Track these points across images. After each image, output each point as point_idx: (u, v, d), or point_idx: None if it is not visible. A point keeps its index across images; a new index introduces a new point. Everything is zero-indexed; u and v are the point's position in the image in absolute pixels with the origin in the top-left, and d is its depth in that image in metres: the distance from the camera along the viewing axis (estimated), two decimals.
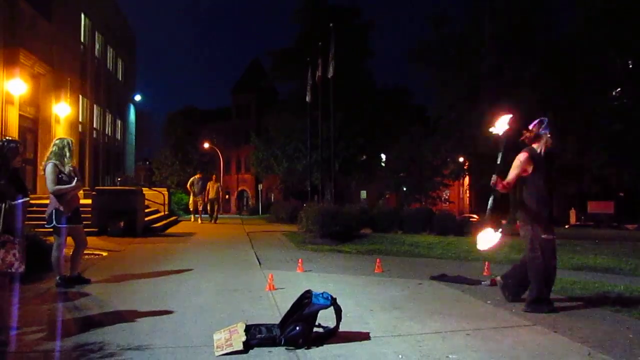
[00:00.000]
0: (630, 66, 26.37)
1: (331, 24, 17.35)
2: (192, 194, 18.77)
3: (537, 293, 5.10)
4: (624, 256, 10.01)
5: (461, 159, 32.66)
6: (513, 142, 5.51)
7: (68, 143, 6.23)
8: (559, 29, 27.78)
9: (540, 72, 24.58)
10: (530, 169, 5.15)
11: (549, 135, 5.25)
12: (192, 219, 18.94)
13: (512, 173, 5.19)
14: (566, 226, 28.97)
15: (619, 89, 26.85)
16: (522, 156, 5.19)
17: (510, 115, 5.39)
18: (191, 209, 19.35)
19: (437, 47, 28.11)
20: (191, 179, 19.06)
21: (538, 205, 5.16)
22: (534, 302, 5.09)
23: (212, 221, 18.56)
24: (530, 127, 5.33)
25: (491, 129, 5.46)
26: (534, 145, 5.25)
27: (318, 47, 19.08)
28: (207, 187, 18.71)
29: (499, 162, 5.29)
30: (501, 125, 5.37)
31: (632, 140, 24.11)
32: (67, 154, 6.13)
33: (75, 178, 6.12)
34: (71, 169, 6.22)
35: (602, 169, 25.69)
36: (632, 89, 25.55)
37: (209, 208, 19.03)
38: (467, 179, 41.95)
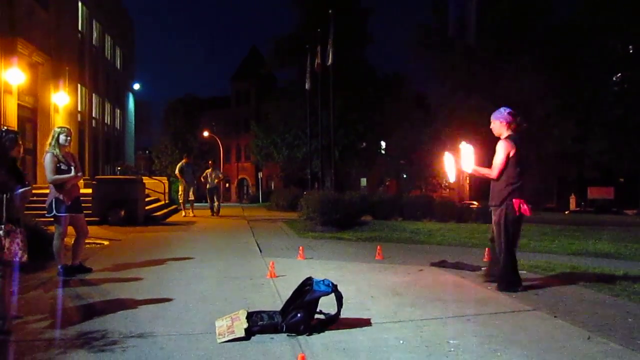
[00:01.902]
0: (631, 51, 26.26)
1: (330, 10, 17.22)
2: (183, 182, 16.23)
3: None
4: (624, 241, 10.03)
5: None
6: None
7: (62, 130, 6.20)
8: (560, 14, 27.60)
9: (540, 57, 24.48)
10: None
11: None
12: (184, 213, 16.38)
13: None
14: (566, 212, 28.99)
15: (620, 74, 26.77)
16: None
17: (454, 162, 5.76)
18: (180, 200, 16.72)
19: (437, 33, 27.96)
20: (179, 164, 16.77)
21: None
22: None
23: (213, 214, 16.72)
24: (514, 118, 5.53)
25: (448, 180, 5.84)
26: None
27: (317, 34, 18.96)
28: (205, 174, 16.91)
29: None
30: (451, 170, 5.83)
31: (632, 125, 24.09)
32: (62, 140, 6.09)
33: (73, 167, 6.10)
34: (69, 156, 6.21)
35: (602, 154, 25.69)
36: (632, 74, 25.47)
37: (208, 198, 17.26)
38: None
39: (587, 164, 28.05)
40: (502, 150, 5.33)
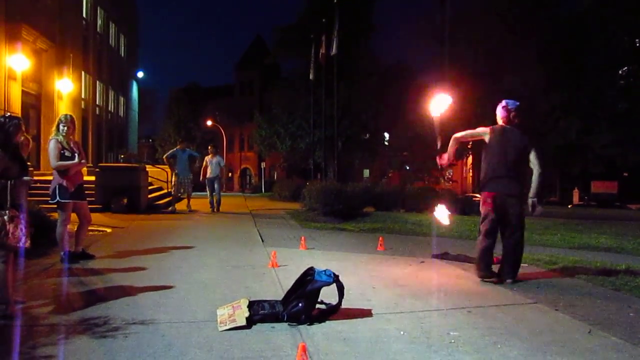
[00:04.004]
0: (638, 45, 26.08)
1: (335, 0, 17.11)
2: (174, 172, 13.98)
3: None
4: (626, 236, 10.01)
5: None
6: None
7: (61, 119, 6.20)
8: (567, 6, 27.39)
9: (545, 50, 24.33)
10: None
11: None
12: (175, 207, 13.93)
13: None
14: (569, 206, 28.95)
15: (625, 68, 26.61)
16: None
17: (450, 99, 5.77)
18: (173, 192, 14.31)
19: (442, 24, 27.80)
20: (170, 151, 14.49)
21: None
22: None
23: (213, 209, 14.25)
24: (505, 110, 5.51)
25: (430, 111, 5.82)
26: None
27: (322, 23, 18.87)
28: (205, 162, 14.50)
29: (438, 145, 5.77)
30: (438, 107, 5.74)
31: (637, 119, 23.98)
32: (60, 128, 6.10)
33: (77, 155, 6.11)
34: (73, 143, 6.21)
35: (606, 148, 25.60)
36: (638, 68, 25.31)
37: (207, 189, 14.57)
38: (470, 159, 41.87)
39: (591, 158, 27.95)
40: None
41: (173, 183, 14.17)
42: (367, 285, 5.22)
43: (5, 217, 3.86)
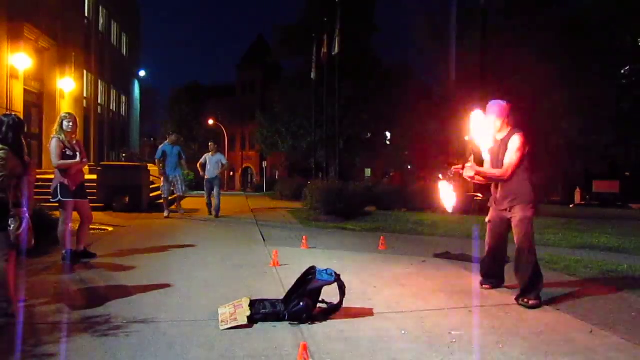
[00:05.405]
0: None
1: None
2: (163, 172, 12.03)
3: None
4: (628, 235, 9.99)
5: (466, 137, 32.40)
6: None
7: (65, 116, 6.21)
8: (569, 5, 27.33)
9: (548, 48, 24.27)
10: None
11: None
12: (166, 214, 12.01)
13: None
14: (571, 205, 28.89)
15: (628, 67, 26.54)
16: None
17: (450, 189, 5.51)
18: (163, 196, 12.27)
19: (444, 23, 27.75)
20: (159, 149, 12.40)
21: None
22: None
23: (211, 213, 12.54)
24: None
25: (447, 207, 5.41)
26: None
27: (324, 23, 18.87)
28: (204, 160, 12.67)
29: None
30: (448, 199, 5.43)
31: (639, 119, 23.93)
32: (64, 126, 6.10)
33: (78, 154, 6.11)
34: (75, 142, 6.22)
35: (608, 147, 25.54)
36: None
37: (205, 190, 12.69)
38: (471, 158, 41.80)
39: (593, 157, 27.89)
40: (520, 146, 4.71)
41: (162, 184, 12.29)
42: (368, 284, 5.22)
43: (27, 215, 3.88)
